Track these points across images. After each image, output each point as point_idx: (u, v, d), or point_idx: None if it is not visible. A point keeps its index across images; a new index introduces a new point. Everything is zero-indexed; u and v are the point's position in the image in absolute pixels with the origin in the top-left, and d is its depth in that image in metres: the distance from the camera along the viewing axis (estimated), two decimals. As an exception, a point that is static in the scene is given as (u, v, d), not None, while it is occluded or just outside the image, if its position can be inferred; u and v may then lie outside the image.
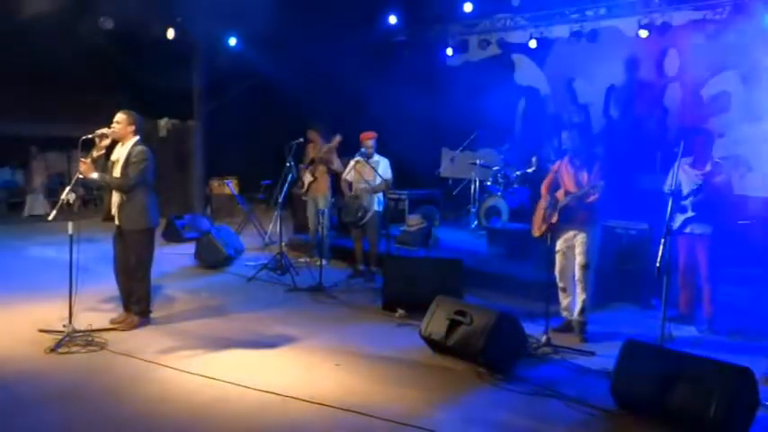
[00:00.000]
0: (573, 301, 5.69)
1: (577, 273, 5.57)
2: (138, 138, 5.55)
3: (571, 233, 5.58)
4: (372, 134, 7.57)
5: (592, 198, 5.36)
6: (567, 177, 5.64)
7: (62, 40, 9.43)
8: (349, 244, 8.12)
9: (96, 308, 6.09)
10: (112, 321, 5.65)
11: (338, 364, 4.91)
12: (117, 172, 5.44)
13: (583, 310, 5.59)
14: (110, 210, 5.58)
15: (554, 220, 5.54)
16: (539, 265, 6.25)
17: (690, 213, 5.73)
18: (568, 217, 5.51)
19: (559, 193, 5.59)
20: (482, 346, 4.66)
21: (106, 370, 4.69)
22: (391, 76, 11.69)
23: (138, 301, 5.64)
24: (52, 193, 12.81)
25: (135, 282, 5.60)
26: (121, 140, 5.55)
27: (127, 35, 10.40)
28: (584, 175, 5.53)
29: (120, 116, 5.53)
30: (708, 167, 5.73)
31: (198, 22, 10.60)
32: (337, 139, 7.91)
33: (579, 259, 5.54)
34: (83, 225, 5.35)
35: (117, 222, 5.52)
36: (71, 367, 4.72)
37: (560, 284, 5.73)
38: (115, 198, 5.52)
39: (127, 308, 5.68)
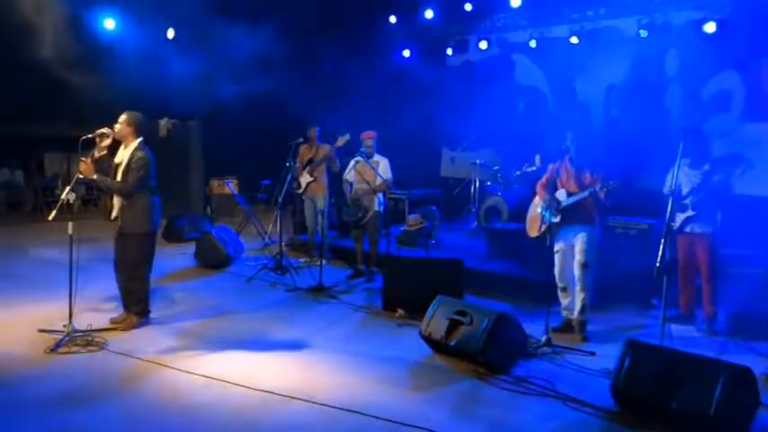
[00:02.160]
0: (573, 300, 5.69)
1: (577, 272, 5.57)
2: (140, 140, 5.53)
3: (571, 233, 5.58)
4: (372, 134, 7.57)
5: (602, 193, 5.35)
6: (567, 177, 5.64)
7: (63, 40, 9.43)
8: (349, 244, 8.12)
9: (96, 308, 6.09)
10: (112, 321, 5.66)
11: (338, 363, 4.91)
12: (119, 175, 5.45)
13: (583, 310, 5.59)
14: (110, 210, 5.59)
15: (556, 219, 5.55)
16: (538, 265, 6.25)
17: (690, 212, 5.75)
18: (569, 216, 5.51)
19: (558, 193, 5.59)
20: (482, 346, 4.67)
21: (106, 370, 4.69)
22: (391, 75, 11.70)
23: (137, 301, 5.65)
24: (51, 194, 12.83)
25: (134, 282, 5.60)
26: (123, 141, 5.54)
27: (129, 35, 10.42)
28: (587, 176, 5.52)
29: (121, 116, 5.54)
30: (706, 167, 5.74)
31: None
32: (345, 138, 7.87)
33: (579, 258, 5.54)
34: (83, 225, 5.35)
35: (120, 224, 5.53)
36: (71, 367, 4.72)
37: (560, 284, 5.73)
38: (116, 201, 5.52)
39: (127, 308, 5.69)
